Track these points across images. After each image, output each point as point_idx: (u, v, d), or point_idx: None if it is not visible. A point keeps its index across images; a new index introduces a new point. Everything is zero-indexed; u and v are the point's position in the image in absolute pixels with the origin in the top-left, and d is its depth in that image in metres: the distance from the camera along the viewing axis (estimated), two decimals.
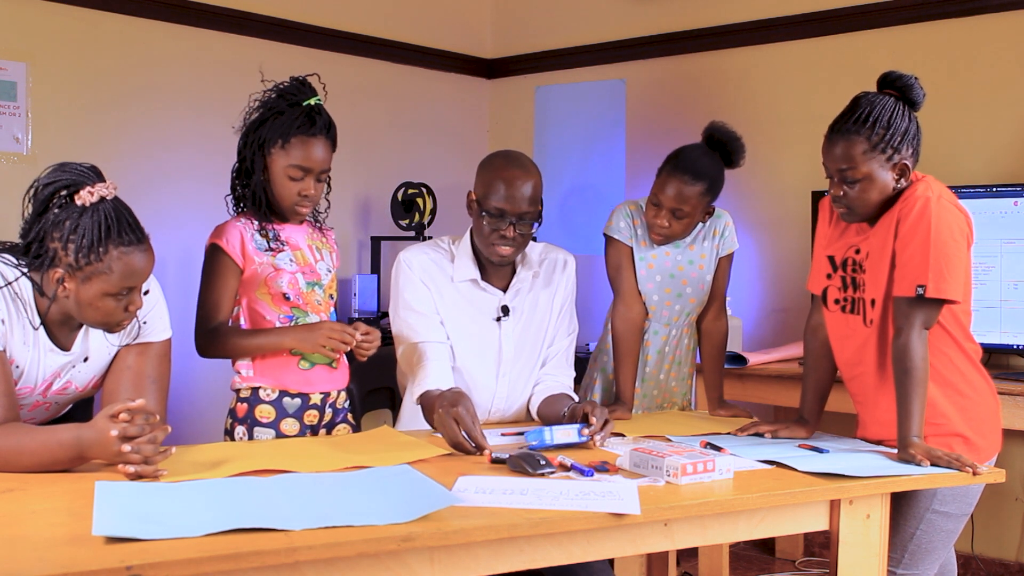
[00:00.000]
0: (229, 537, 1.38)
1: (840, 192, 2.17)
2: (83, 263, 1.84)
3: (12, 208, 2.00)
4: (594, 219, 4.67)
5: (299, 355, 2.31)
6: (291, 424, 2.31)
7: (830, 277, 2.29)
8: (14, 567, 1.25)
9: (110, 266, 1.85)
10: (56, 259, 1.86)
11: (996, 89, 3.63)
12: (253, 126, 2.32)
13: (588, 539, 1.65)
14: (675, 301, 2.68)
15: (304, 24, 4.37)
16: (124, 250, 1.86)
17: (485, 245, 2.40)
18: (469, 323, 2.45)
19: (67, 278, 1.86)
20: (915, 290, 2.06)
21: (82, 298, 1.87)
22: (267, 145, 2.29)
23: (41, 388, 2.00)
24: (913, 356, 2.05)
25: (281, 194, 2.31)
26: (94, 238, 1.83)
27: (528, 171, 2.38)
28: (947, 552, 2.24)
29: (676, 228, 2.58)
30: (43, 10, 3.68)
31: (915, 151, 2.15)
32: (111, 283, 1.86)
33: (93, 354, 2.03)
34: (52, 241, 1.86)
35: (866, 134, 2.11)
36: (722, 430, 2.37)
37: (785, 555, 4.03)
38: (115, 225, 1.85)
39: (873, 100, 2.15)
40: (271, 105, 2.31)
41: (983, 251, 3.41)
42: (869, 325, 2.20)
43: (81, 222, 1.83)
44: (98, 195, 1.85)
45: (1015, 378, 3.18)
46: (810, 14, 4.03)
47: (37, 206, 1.88)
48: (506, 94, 5.10)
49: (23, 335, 1.92)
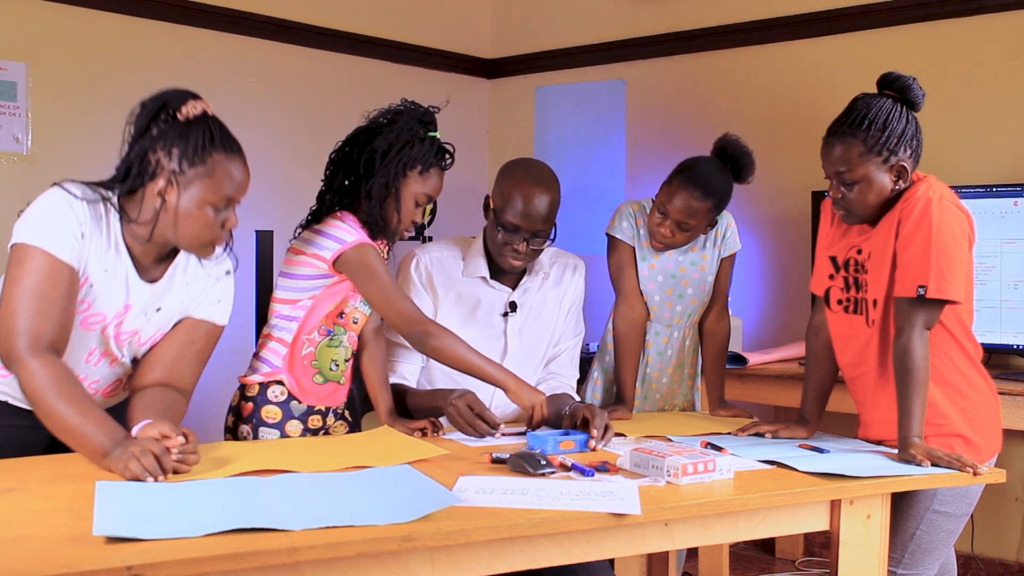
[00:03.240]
0: (230, 537, 1.38)
1: (839, 194, 2.17)
2: (186, 167, 1.89)
3: (12, 208, 2.00)
4: (594, 219, 4.67)
5: (317, 368, 2.30)
6: (295, 426, 2.31)
7: (832, 278, 2.29)
8: (14, 567, 1.25)
9: (213, 169, 1.90)
10: (159, 169, 1.90)
11: (996, 89, 3.63)
12: (396, 145, 2.26)
13: (589, 539, 1.65)
14: (676, 302, 2.68)
15: (304, 24, 4.37)
16: (227, 155, 1.92)
17: (497, 252, 2.46)
18: (476, 317, 2.49)
19: (168, 188, 1.89)
20: (916, 290, 2.06)
21: (182, 208, 1.90)
22: (408, 167, 2.26)
23: (113, 324, 1.99)
24: (914, 356, 2.05)
25: (405, 217, 2.29)
26: (199, 143, 1.89)
27: (548, 188, 2.43)
28: (947, 552, 2.24)
29: (679, 239, 2.59)
30: (43, 10, 3.68)
31: (914, 152, 2.14)
32: (212, 189, 1.91)
33: (165, 306, 2.04)
34: (155, 153, 1.90)
35: (862, 136, 2.11)
36: (723, 430, 2.37)
37: (785, 555, 4.03)
38: (219, 133, 1.92)
39: (870, 102, 2.14)
40: (413, 128, 2.27)
41: (983, 251, 3.41)
42: (871, 325, 2.20)
43: (186, 130, 1.90)
44: (201, 108, 1.92)
45: (1015, 378, 3.19)
46: (810, 14, 4.03)
47: (139, 127, 1.94)
48: (506, 94, 5.10)
49: (103, 258, 1.93)
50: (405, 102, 2.32)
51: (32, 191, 1.76)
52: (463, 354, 2.24)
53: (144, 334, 2.05)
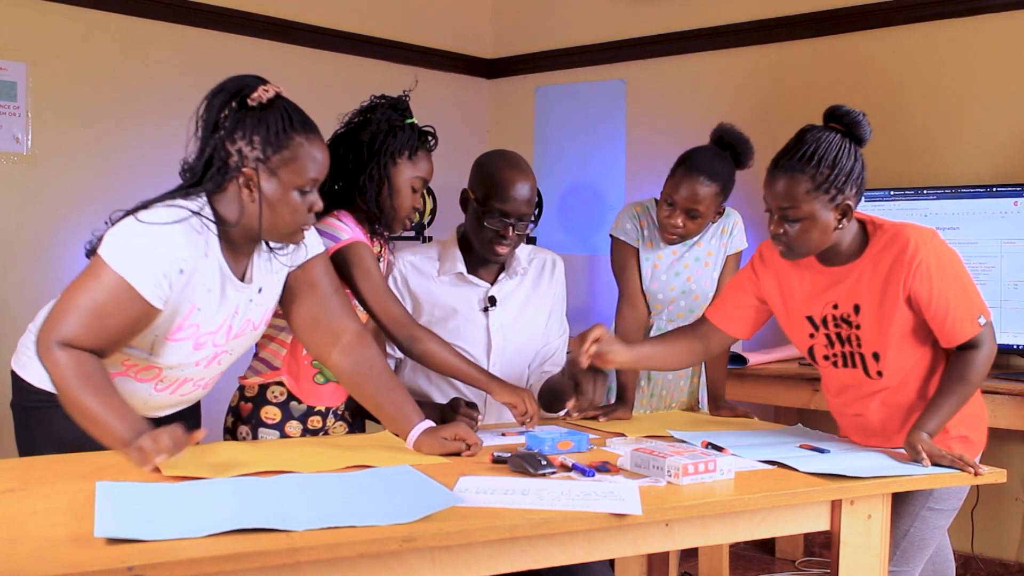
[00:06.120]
0: (231, 537, 1.38)
1: (780, 230, 2.09)
2: (271, 153, 1.86)
3: (12, 208, 2.00)
4: (594, 219, 4.68)
5: (318, 368, 2.30)
6: (295, 426, 2.31)
7: (813, 336, 2.23)
8: (15, 567, 1.25)
9: (296, 152, 1.87)
10: (242, 160, 1.86)
11: (996, 89, 3.63)
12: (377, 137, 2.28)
13: (589, 539, 1.65)
14: (680, 298, 2.69)
15: (304, 24, 4.37)
16: (308, 137, 1.90)
17: (482, 243, 2.45)
18: (456, 314, 2.49)
19: (254, 177, 1.86)
20: (978, 323, 2.07)
21: (271, 196, 1.88)
22: (396, 155, 2.29)
23: (223, 333, 1.98)
24: (977, 370, 2.07)
25: (403, 204, 2.32)
26: (279, 127, 1.86)
27: (526, 173, 2.44)
28: (935, 546, 2.25)
29: (691, 227, 2.61)
30: (43, 10, 3.68)
31: (859, 190, 2.08)
32: (298, 172, 1.88)
33: (266, 285, 2.03)
34: (234, 144, 1.87)
35: (810, 172, 2.03)
36: (723, 430, 2.37)
37: (785, 555, 4.03)
38: (295, 115, 1.89)
39: (819, 136, 2.06)
40: (391, 118, 2.30)
41: (983, 251, 3.41)
42: (877, 377, 2.16)
43: (263, 116, 1.86)
44: (273, 91, 1.89)
45: (1015, 378, 3.18)
46: (810, 14, 4.02)
47: (208, 122, 1.90)
48: (506, 94, 5.10)
49: (207, 280, 1.90)
50: (374, 97, 2.35)
51: (32, 191, 1.76)
52: (449, 359, 2.28)
53: (256, 317, 2.05)
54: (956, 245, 3.48)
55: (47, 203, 3.66)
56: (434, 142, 2.37)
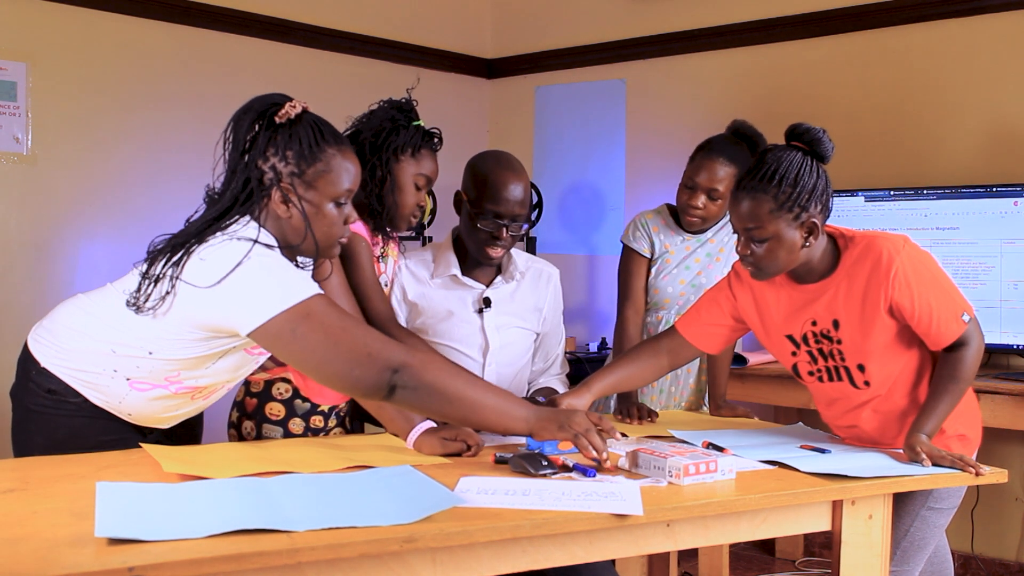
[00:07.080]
0: (231, 538, 1.38)
1: (747, 251, 2.09)
2: (305, 167, 1.86)
3: (12, 208, 2.00)
4: (594, 219, 4.67)
5: None
6: (298, 424, 2.31)
7: (795, 355, 2.23)
8: (16, 568, 1.25)
9: (329, 164, 1.88)
10: (277, 176, 1.87)
11: (996, 89, 3.63)
12: (380, 134, 2.30)
13: (590, 540, 1.65)
14: (689, 292, 2.73)
15: (304, 24, 4.37)
16: (339, 148, 1.91)
17: (476, 245, 2.45)
18: (452, 316, 2.50)
19: (290, 193, 1.86)
20: (962, 321, 2.06)
21: (309, 210, 1.88)
22: (399, 152, 2.30)
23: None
24: (967, 367, 2.06)
25: (406, 202, 2.34)
26: (311, 140, 1.87)
27: (520, 174, 2.44)
28: (934, 546, 2.25)
29: (712, 209, 2.68)
30: (43, 10, 3.68)
31: (824, 207, 2.07)
32: (334, 183, 1.89)
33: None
34: (267, 161, 1.87)
35: (772, 192, 2.02)
36: (724, 430, 2.37)
37: (785, 555, 4.03)
38: (325, 128, 1.91)
39: (780, 156, 2.06)
40: (395, 118, 2.32)
41: (983, 251, 3.41)
42: (865, 387, 2.16)
43: (293, 131, 1.87)
44: (300, 107, 1.89)
45: (1015, 378, 3.18)
46: (810, 14, 4.03)
47: (237, 142, 1.88)
48: (506, 94, 5.10)
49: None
50: (381, 101, 2.37)
51: (32, 191, 1.76)
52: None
53: None
54: (956, 245, 3.53)
55: (47, 203, 3.66)
56: (438, 142, 2.38)
